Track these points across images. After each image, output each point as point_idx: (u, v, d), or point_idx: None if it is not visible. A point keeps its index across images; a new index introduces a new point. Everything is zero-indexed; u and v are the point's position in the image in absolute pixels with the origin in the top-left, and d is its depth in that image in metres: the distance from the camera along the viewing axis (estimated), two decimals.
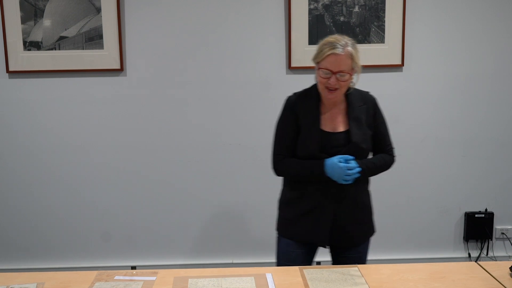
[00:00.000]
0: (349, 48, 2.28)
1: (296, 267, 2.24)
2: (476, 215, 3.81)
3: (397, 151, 3.70)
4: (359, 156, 2.34)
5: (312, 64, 3.69)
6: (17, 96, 3.59)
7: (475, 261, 2.41)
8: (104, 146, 3.66)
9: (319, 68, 2.31)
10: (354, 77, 2.36)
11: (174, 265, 3.76)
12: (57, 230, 3.75)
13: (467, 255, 3.89)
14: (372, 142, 2.44)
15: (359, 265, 2.26)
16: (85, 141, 3.65)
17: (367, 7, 3.52)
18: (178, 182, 3.71)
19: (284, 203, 2.54)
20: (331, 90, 2.31)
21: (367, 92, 2.51)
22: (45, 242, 3.76)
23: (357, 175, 2.28)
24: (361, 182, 2.41)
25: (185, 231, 3.77)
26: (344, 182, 2.28)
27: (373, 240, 3.80)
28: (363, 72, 3.57)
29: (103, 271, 2.21)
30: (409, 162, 3.74)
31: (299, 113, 2.40)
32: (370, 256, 3.78)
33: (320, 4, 3.50)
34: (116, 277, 2.15)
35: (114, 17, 3.48)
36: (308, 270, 2.20)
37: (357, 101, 2.43)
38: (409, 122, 3.69)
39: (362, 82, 3.57)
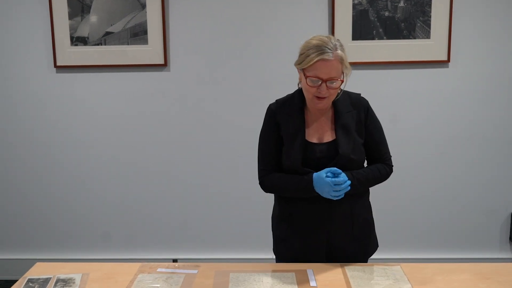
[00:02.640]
0: (339, 52, 2.05)
1: (338, 264, 2.22)
2: None
3: (442, 150, 3.66)
4: (349, 167, 2.14)
5: (354, 60, 3.65)
6: (64, 90, 3.67)
7: None
8: (148, 140, 3.71)
9: (307, 76, 2.07)
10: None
11: (214, 259, 3.78)
12: (103, 222, 3.83)
13: None
14: (366, 150, 2.24)
15: (402, 264, 2.22)
16: (130, 135, 3.71)
17: (413, 2, 3.46)
18: (222, 177, 3.74)
19: (276, 221, 2.37)
20: (320, 98, 2.09)
21: (358, 95, 2.28)
22: (92, 233, 3.84)
23: (347, 189, 2.07)
24: (357, 196, 2.23)
25: (226, 225, 3.80)
26: (333, 198, 2.07)
27: (418, 239, 3.77)
28: (408, 68, 3.57)
29: (146, 263, 2.24)
30: (455, 161, 3.67)
31: (281, 123, 2.22)
32: (413, 255, 3.76)
33: None
34: (159, 269, 2.18)
35: (159, 13, 3.52)
36: (350, 267, 2.18)
37: (346, 106, 2.21)
38: (455, 120, 3.61)
39: (407, 78, 3.56)
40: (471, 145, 3.65)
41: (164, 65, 3.60)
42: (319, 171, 2.11)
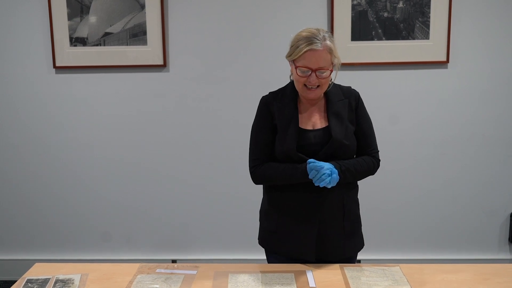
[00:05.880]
0: (328, 42, 2.10)
1: (337, 265, 2.22)
2: None
3: (441, 150, 3.66)
4: (342, 153, 2.17)
5: (353, 61, 3.65)
6: (63, 91, 3.67)
7: None
8: (147, 140, 3.71)
9: (297, 67, 2.13)
10: (333, 73, 2.17)
11: (214, 259, 3.78)
12: (102, 223, 3.82)
13: None
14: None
15: (401, 264, 2.22)
16: (129, 135, 3.71)
17: (412, 3, 3.46)
18: (221, 178, 3.74)
19: (264, 214, 2.38)
20: (311, 88, 2.14)
21: (349, 87, 2.32)
22: (91, 234, 3.84)
23: (335, 180, 2.05)
24: (346, 188, 2.23)
25: (226, 226, 3.79)
26: (321, 185, 2.04)
27: (417, 239, 3.77)
28: (407, 68, 3.57)
29: (145, 264, 2.24)
30: (454, 161, 3.67)
31: (275, 112, 2.24)
32: (412, 256, 3.76)
33: None
34: (158, 270, 2.18)
35: (158, 14, 3.52)
36: (349, 268, 2.18)
37: (337, 95, 2.25)
38: (454, 120, 3.61)
39: (406, 79, 3.56)
40: (470, 146, 3.65)
41: (163, 66, 3.60)
42: (312, 157, 2.13)
